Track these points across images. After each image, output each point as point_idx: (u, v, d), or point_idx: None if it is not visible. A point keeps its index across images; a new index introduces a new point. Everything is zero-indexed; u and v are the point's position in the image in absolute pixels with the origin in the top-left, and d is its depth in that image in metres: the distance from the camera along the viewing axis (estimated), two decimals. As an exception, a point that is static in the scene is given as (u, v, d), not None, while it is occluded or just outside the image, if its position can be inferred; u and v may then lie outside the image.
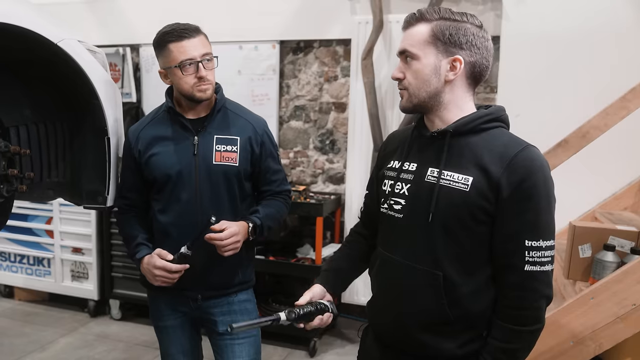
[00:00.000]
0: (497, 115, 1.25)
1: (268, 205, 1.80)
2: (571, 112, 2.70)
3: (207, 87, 1.66)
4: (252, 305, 1.85)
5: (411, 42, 1.22)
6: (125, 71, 3.86)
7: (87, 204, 1.68)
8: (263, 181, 1.81)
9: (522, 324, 1.18)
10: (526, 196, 1.15)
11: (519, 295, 1.18)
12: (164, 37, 1.63)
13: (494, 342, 1.20)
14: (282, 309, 3.19)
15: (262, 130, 1.77)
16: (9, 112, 1.59)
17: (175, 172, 1.69)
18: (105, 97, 1.60)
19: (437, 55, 1.20)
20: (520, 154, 1.17)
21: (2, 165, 1.33)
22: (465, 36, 1.20)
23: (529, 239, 1.16)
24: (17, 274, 3.81)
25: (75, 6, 3.90)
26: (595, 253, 2.04)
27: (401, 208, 1.28)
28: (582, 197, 2.72)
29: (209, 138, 1.70)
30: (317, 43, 3.54)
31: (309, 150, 3.66)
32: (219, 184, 1.70)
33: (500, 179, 1.15)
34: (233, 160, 1.70)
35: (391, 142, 1.43)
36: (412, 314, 1.25)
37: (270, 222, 1.78)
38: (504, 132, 1.25)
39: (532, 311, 1.18)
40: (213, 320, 1.78)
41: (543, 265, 1.17)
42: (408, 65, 1.23)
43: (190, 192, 1.69)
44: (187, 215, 1.69)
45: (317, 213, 3.13)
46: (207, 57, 1.64)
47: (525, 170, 1.15)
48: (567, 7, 2.78)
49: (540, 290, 1.18)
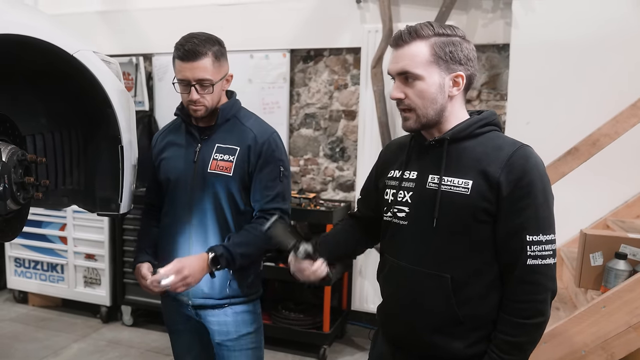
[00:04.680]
0: (490, 119, 1.29)
1: (247, 230, 1.68)
2: (581, 120, 2.69)
3: (199, 108, 1.67)
4: (253, 316, 1.78)
5: (412, 62, 1.23)
6: (138, 80, 3.91)
7: (101, 211, 1.71)
8: (254, 194, 1.71)
9: (526, 317, 1.20)
10: (524, 193, 1.19)
11: (522, 289, 1.21)
12: (174, 49, 1.66)
13: (500, 336, 1.23)
14: (291, 316, 3.25)
15: (263, 139, 1.70)
16: (25, 120, 1.62)
17: (175, 177, 1.74)
18: (119, 106, 1.62)
19: (440, 73, 1.23)
20: (516, 153, 1.21)
21: (19, 173, 1.36)
22: (462, 52, 1.24)
23: (530, 234, 1.19)
24: (31, 280, 3.86)
25: (89, 16, 3.97)
26: (607, 261, 2.03)
27: (405, 215, 1.32)
28: (593, 205, 2.71)
29: (211, 146, 1.71)
30: (327, 51, 3.57)
31: (319, 157, 3.68)
32: (210, 193, 1.69)
33: (499, 178, 1.19)
34: (227, 169, 1.68)
35: (389, 152, 1.46)
36: (422, 316, 1.28)
37: (245, 248, 1.66)
38: (498, 135, 1.29)
39: (536, 304, 1.20)
40: (210, 329, 1.78)
41: (545, 259, 1.20)
42: (409, 86, 1.25)
43: (185, 198, 1.72)
44: (181, 220, 1.73)
45: (327, 220, 3.14)
46: (202, 83, 1.63)
47: (522, 168, 1.19)
48: (577, 15, 2.78)
49: (543, 283, 1.20)
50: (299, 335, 3.23)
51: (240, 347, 1.76)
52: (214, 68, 1.64)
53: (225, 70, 1.71)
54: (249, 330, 1.77)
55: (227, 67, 1.72)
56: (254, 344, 1.79)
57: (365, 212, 1.53)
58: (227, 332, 1.75)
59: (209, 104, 1.67)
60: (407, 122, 1.29)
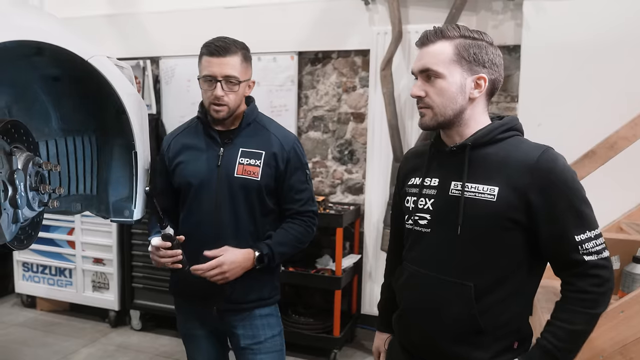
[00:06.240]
0: (512, 124, 1.28)
1: (286, 230, 1.75)
2: (593, 122, 2.67)
3: (221, 108, 1.66)
4: (276, 319, 1.82)
5: (434, 60, 1.22)
6: (146, 83, 3.90)
7: (115, 217, 1.70)
8: (287, 199, 1.76)
9: (588, 307, 1.18)
10: (560, 196, 1.17)
11: (586, 281, 1.19)
12: (203, 47, 1.67)
13: (556, 323, 1.20)
14: (301, 320, 3.23)
15: (289, 146, 1.74)
16: (38, 126, 1.62)
17: (198, 181, 1.71)
18: (133, 112, 1.61)
19: (462, 73, 1.22)
20: (541, 157, 1.19)
21: (35, 180, 1.34)
22: (487, 55, 1.23)
23: (577, 234, 1.18)
24: (40, 284, 3.86)
25: (96, 20, 3.97)
26: (624, 265, 2.01)
27: (427, 223, 1.30)
28: (606, 207, 2.66)
29: (234, 150, 1.70)
30: (335, 54, 3.55)
31: (327, 160, 3.66)
32: (238, 197, 1.69)
33: (527, 184, 1.18)
34: (255, 174, 1.69)
35: (409, 161, 1.45)
36: (443, 325, 1.26)
37: (284, 248, 1.73)
38: (521, 140, 1.27)
39: (599, 296, 1.19)
40: (235, 333, 1.77)
41: (600, 253, 1.19)
42: (431, 84, 1.24)
43: (210, 203, 1.70)
44: (206, 226, 1.71)
45: (337, 224, 3.12)
46: (230, 79, 1.64)
47: (551, 171, 1.18)
48: (589, 15, 2.76)
49: (606, 276, 1.19)
50: (309, 340, 3.21)
51: (266, 350, 1.76)
52: (241, 67, 1.66)
53: (249, 75, 1.71)
54: (274, 333, 1.78)
55: (251, 72, 1.73)
56: (279, 346, 1.81)
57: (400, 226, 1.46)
58: (254, 336, 1.75)
59: (232, 104, 1.67)
60: (423, 119, 1.28)
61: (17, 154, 1.30)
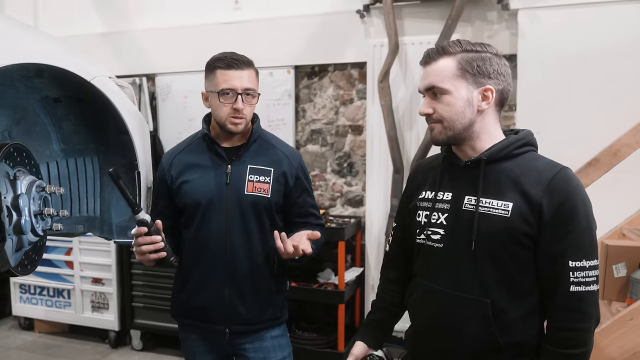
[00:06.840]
0: (528, 139, 1.27)
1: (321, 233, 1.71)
2: (592, 129, 2.69)
3: (240, 121, 1.65)
4: (286, 340, 1.79)
5: (438, 77, 1.23)
6: (142, 100, 3.88)
7: (118, 238, 1.67)
8: (301, 214, 1.77)
9: (571, 346, 1.17)
10: (567, 218, 1.17)
11: (565, 316, 1.18)
12: (216, 62, 1.65)
13: None
14: (305, 335, 3.19)
15: (297, 164, 1.75)
16: (39, 148, 1.60)
17: (207, 200, 1.67)
18: (135, 131, 1.60)
19: (467, 87, 1.22)
20: (557, 176, 1.19)
21: (38, 204, 1.32)
22: (491, 66, 1.23)
23: (573, 260, 1.17)
24: (37, 306, 3.80)
25: (92, 38, 3.96)
26: (631, 272, 2.00)
27: (440, 238, 1.28)
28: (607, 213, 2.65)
29: (243, 167, 1.69)
30: (331, 67, 3.55)
31: (326, 173, 3.65)
32: (249, 214, 1.67)
33: (541, 201, 1.17)
34: (265, 191, 1.68)
35: (419, 174, 1.43)
36: (460, 343, 1.24)
37: (315, 253, 1.69)
38: (536, 156, 1.26)
39: (579, 332, 1.17)
40: (245, 356, 1.73)
41: (588, 285, 1.17)
42: (438, 100, 1.24)
43: (221, 221, 1.67)
44: (216, 245, 1.67)
45: (338, 237, 3.09)
46: (248, 92, 1.64)
47: (564, 192, 1.17)
48: (585, 24, 2.79)
49: (587, 311, 1.17)
50: (314, 355, 3.17)
51: None
52: (256, 81, 1.69)
53: (258, 91, 1.71)
54: (284, 355, 1.76)
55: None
56: None
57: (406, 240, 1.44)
58: (264, 359, 1.72)
59: (249, 117, 1.68)
60: (432, 132, 1.27)
61: (21, 177, 1.28)
